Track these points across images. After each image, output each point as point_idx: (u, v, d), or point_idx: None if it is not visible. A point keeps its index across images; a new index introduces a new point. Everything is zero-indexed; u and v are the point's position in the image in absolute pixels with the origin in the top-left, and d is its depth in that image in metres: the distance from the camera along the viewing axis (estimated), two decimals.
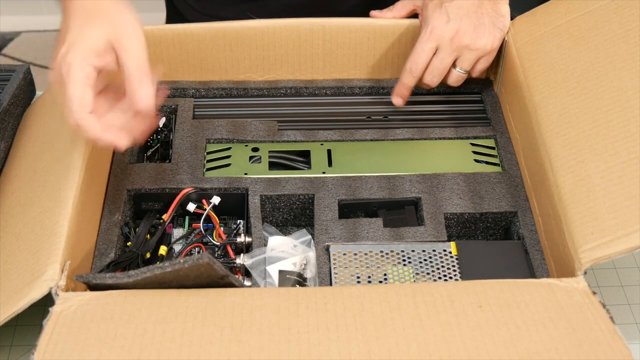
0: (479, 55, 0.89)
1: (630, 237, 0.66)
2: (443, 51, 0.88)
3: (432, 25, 0.88)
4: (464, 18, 0.87)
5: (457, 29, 0.87)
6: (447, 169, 0.87)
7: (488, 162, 0.89)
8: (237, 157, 0.89)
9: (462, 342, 0.61)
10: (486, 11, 0.89)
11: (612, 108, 0.76)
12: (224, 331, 0.62)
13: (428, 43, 0.88)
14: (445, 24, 0.87)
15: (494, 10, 0.89)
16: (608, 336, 0.61)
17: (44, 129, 0.87)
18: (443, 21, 0.87)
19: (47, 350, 0.60)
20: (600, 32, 0.82)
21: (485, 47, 0.89)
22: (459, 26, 0.87)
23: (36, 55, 2.34)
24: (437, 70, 0.89)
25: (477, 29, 0.88)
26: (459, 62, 0.89)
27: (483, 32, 0.88)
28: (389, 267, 0.77)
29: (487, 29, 0.88)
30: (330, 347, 0.61)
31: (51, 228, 0.72)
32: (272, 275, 0.77)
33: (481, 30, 0.88)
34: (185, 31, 0.94)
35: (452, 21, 0.87)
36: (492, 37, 0.89)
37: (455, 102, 0.97)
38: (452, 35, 0.87)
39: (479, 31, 0.88)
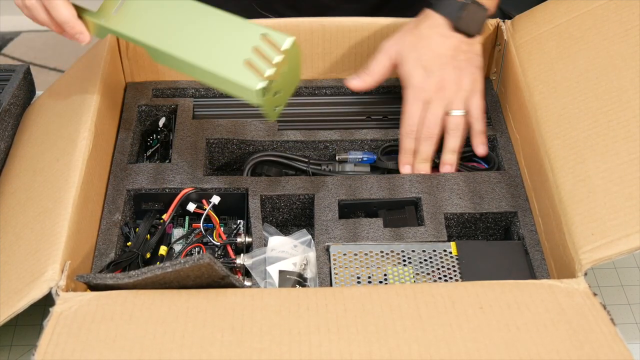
0: (467, 95, 0.88)
1: (631, 238, 0.66)
2: (432, 103, 0.87)
3: (414, 82, 0.87)
4: (443, 67, 0.87)
5: (440, 80, 0.86)
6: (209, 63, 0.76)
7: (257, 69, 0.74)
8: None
9: (463, 344, 0.61)
10: (463, 54, 0.88)
11: (612, 108, 0.76)
12: (225, 332, 0.62)
13: (416, 102, 0.87)
14: (428, 79, 0.87)
15: (469, 51, 0.89)
16: (609, 338, 0.61)
17: (44, 129, 0.87)
18: (424, 77, 0.87)
19: (48, 351, 0.60)
20: (599, 31, 0.82)
21: (469, 87, 0.88)
22: (440, 76, 0.86)
23: (36, 55, 2.34)
24: (431, 123, 0.87)
25: (458, 74, 0.87)
26: (451, 106, 0.88)
27: (464, 74, 0.87)
28: (389, 268, 0.77)
29: (467, 71, 0.88)
30: (331, 349, 0.61)
31: (51, 228, 0.72)
32: (272, 276, 0.77)
33: (462, 74, 0.87)
34: None
35: (434, 73, 0.86)
36: (473, 76, 0.88)
37: None
38: (437, 88, 0.86)
39: (460, 75, 0.87)
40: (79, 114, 0.83)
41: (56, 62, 2.29)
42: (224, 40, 0.75)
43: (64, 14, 0.79)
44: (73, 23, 0.79)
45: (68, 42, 0.91)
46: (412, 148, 0.88)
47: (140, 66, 0.97)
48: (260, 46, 0.73)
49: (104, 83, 0.87)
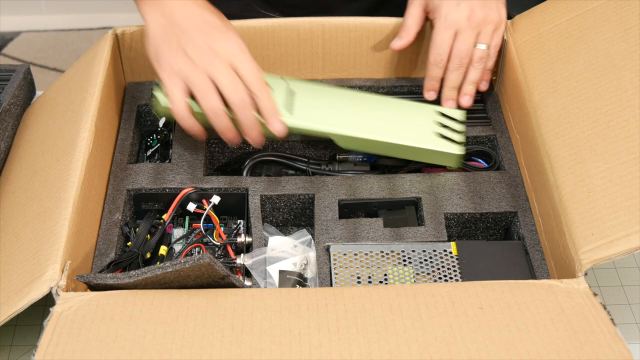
0: (494, 28, 0.90)
1: (631, 238, 0.66)
2: (463, 32, 0.88)
3: (444, 12, 0.88)
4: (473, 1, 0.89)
5: (470, 8, 0.88)
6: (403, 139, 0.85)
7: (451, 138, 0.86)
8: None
9: (463, 344, 0.61)
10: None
11: (612, 108, 0.76)
12: (225, 332, 0.62)
13: (447, 31, 0.88)
14: (457, 7, 0.88)
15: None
16: (609, 338, 0.61)
17: (44, 129, 0.87)
18: (454, 5, 0.88)
19: (48, 351, 0.60)
20: (599, 31, 0.82)
21: (496, 19, 0.90)
22: (470, 5, 0.88)
23: (36, 55, 2.34)
24: (462, 52, 0.88)
25: (485, 5, 0.89)
26: (479, 38, 0.90)
27: (490, 6, 0.89)
28: (389, 268, 0.77)
29: (494, 4, 0.90)
30: (331, 349, 0.61)
31: (51, 228, 0.72)
32: (272, 276, 0.77)
33: (488, 5, 0.89)
34: None
35: (463, 2, 0.88)
36: (498, 8, 0.90)
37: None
38: (468, 15, 0.88)
39: (487, 6, 0.89)
40: (79, 114, 0.83)
41: (56, 62, 2.29)
42: (407, 119, 0.87)
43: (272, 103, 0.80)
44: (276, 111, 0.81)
45: (68, 42, 0.92)
46: (439, 76, 0.90)
47: (140, 66, 0.97)
48: (442, 120, 0.87)
49: (104, 83, 0.87)
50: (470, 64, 0.90)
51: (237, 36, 0.81)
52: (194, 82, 0.79)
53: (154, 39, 0.82)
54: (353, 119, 0.86)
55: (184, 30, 0.80)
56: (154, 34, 0.82)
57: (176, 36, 0.80)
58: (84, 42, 2.35)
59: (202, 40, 0.79)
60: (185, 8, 0.81)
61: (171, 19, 0.81)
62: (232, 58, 0.79)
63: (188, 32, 0.80)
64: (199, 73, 0.78)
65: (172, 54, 0.80)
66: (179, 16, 0.81)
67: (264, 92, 0.80)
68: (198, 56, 0.79)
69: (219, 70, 0.78)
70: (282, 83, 0.87)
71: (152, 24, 0.83)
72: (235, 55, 0.79)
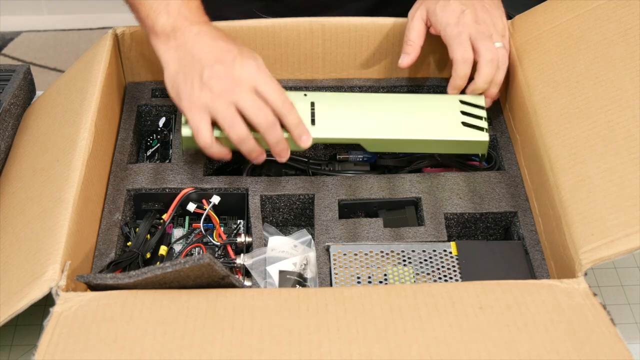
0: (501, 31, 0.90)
1: (631, 238, 0.66)
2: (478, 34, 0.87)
3: (452, 21, 0.87)
4: (473, 6, 0.88)
5: (474, 12, 0.88)
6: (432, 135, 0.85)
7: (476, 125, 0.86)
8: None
9: (463, 344, 0.61)
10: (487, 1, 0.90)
11: (612, 108, 0.76)
12: (225, 332, 0.62)
13: (462, 34, 0.87)
14: (462, 14, 0.87)
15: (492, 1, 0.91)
16: (609, 338, 0.61)
17: (44, 129, 0.87)
18: (459, 12, 0.88)
19: (48, 351, 0.60)
20: (599, 31, 0.82)
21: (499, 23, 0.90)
22: (473, 10, 0.88)
23: (36, 55, 2.34)
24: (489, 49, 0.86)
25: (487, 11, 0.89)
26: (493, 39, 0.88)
27: (491, 13, 0.89)
28: (389, 268, 0.77)
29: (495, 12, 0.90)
30: (332, 349, 0.61)
31: (51, 228, 0.72)
32: (272, 276, 0.77)
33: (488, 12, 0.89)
34: None
35: (467, 9, 0.88)
36: (498, 15, 0.90)
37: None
38: (474, 19, 0.87)
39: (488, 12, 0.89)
40: (79, 114, 0.83)
41: (56, 62, 2.29)
42: (430, 113, 0.87)
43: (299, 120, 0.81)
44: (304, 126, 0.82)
45: (68, 42, 0.92)
46: (468, 74, 0.88)
47: (140, 66, 0.97)
48: (464, 108, 0.87)
49: (104, 83, 0.87)
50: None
51: (253, 57, 0.81)
52: (220, 112, 0.79)
53: (172, 74, 0.82)
54: (377, 122, 0.86)
55: (202, 62, 0.80)
56: (172, 70, 0.82)
57: (195, 69, 0.80)
58: (84, 42, 2.34)
59: (222, 70, 0.79)
60: (200, 40, 0.82)
61: (187, 52, 0.81)
62: (254, 82, 0.79)
63: (207, 64, 0.79)
64: (224, 103, 0.78)
65: (193, 88, 0.80)
66: (195, 49, 0.81)
67: (291, 110, 0.80)
68: (220, 87, 0.79)
69: (243, 97, 0.78)
70: (301, 96, 0.87)
71: (168, 60, 0.83)
72: (257, 79, 0.79)
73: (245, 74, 0.79)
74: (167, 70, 0.83)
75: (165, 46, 0.83)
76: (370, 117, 0.86)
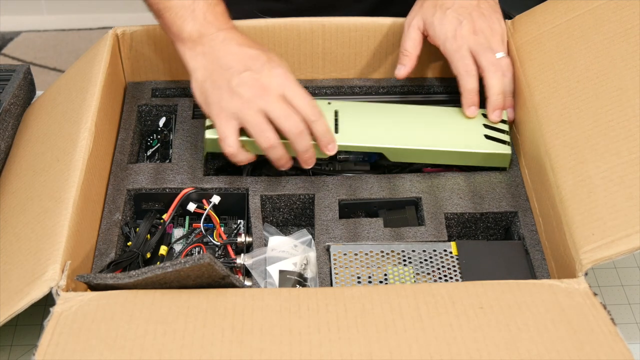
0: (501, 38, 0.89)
1: (631, 238, 0.66)
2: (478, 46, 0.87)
3: (450, 33, 0.87)
4: (471, 14, 0.88)
5: (471, 23, 0.88)
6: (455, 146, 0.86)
7: (498, 138, 0.87)
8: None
9: (463, 344, 0.61)
10: (484, 5, 0.90)
11: (612, 108, 0.75)
12: (225, 332, 0.62)
13: (461, 48, 0.87)
14: (460, 25, 0.87)
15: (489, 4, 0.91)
16: (609, 338, 0.61)
17: (44, 129, 0.87)
18: (456, 23, 0.88)
19: (48, 351, 0.60)
20: (600, 31, 0.82)
21: (498, 28, 0.89)
22: (470, 20, 0.88)
23: (36, 55, 2.34)
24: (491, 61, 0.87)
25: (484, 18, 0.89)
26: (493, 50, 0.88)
27: (489, 18, 0.89)
28: (389, 267, 0.77)
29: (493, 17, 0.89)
30: (332, 349, 0.61)
31: (51, 228, 0.72)
32: (272, 275, 0.77)
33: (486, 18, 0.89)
34: None
35: (464, 20, 0.87)
36: (496, 19, 0.90)
37: (456, 102, 0.97)
38: (472, 30, 0.87)
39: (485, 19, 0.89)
40: (79, 114, 0.83)
41: (56, 62, 2.29)
42: (453, 125, 0.88)
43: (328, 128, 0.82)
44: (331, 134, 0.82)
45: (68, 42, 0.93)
46: (476, 87, 0.87)
47: (140, 66, 0.97)
48: (486, 121, 0.88)
49: (104, 83, 0.87)
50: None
51: (281, 64, 0.82)
52: (249, 119, 0.79)
53: (200, 81, 0.83)
54: (400, 132, 0.86)
55: (231, 69, 0.80)
56: (200, 76, 0.83)
57: (223, 77, 0.80)
58: (84, 42, 2.34)
59: (250, 77, 0.80)
60: (228, 47, 0.82)
61: (215, 59, 0.82)
62: (282, 90, 0.80)
63: (235, 72, 0.80)
64: (253, 110, 0.79)
65: (221, 95, 0.80)
66: (223, 57, 0.81)
67: (320, 118, 0.81)
68: (249, 94, 0.79)
69: (273, 105, 0.79)
70: (325, 104, 0.88)
71: (196, 67, 0.83)
72: (286, 87, 0.80)
73: (274, 82, 0.80)
74: (195, 77, 0.83)
75: (192, 52, 0.83)
76: (393, 127, 0.87)
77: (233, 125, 0.80)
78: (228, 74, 0.80)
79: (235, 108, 0.79)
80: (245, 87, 0.79)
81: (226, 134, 0.80)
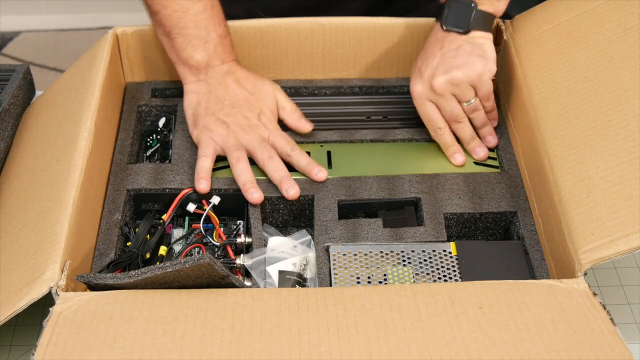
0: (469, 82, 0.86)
1: (631, 238, 0.66)
2: (438, 100, 0.87)
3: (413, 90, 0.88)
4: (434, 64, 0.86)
5: (432, 75, 0.86)
6: (447, 170, 0.87)
7: (488, 164, 0.88)
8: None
9: (462, 344, 0.61)
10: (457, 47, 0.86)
11: (611, 108, 0.76)
12: (225, 332, 0.62)
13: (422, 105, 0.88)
14: (420, 78, 0.87)
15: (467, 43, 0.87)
16: (609, 338, 0.61)
17: (44, 129, 0.87)
18: (418, 78, 0.88)
19: (48, 351, 0.60)
20: (599, 31, 0.82)
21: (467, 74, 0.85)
22: (431, 72, 0.86)
23: (36, 55, 2.34)
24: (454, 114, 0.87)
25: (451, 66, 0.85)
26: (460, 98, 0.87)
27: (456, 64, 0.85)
28: (388, 268, 0.77)
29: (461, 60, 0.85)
30: (331, 348, 0.61)
31: (51, 228, 0.72)
32: (272, 276, 0.77)
33: (454, 64, 0.85)
34: None
35: (424, 73, 0.87)
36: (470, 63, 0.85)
37: None
38: (431, 85, 0.86)
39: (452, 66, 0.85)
40: (79, 114, 0.83)
41: (56, 62, 2.29)
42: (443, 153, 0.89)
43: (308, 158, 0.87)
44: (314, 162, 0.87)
45: (68, 42, 0.94)
46: (453, 139, 0.89)
47: (140, 66, 0.97)
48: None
49: (104, 83, 0.87)
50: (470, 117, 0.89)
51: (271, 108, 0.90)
52: (229, 147, 0.85)
53: (194, 103, 0.89)
54: (391, 162, 0.88)
55: (225, 102, 0.88)
56: (195, 99, 0.89)
57: (217, 106, 0.88)
58: (84, 42, 2.34)
59: (241, 115, 0.87)
60: (227, 81, 0.89)
61: (213, 90, 0.89)
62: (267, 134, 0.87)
63: (228, 105, 0.88)
64: (236, 141, 0.86)
65: (211, 121, 0.87)
66: (221, 90, 0.89)
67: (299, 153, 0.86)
68: (236, 126, 0.86)
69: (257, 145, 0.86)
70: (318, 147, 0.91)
71: (193, 91, 0.90)
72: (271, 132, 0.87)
73: (261, 125, 0.87)
74: (189, 98, 0.90)
75: (194, 77, 0.90)
76: (384, 159, 0.89)
77: (213, 146, 0.86)
78: (221, 105, 0.88)
79: (221, 133, 0.86)
80: (234, 120, 0.87)
81: (206, 153, 0.85)
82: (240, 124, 0.87)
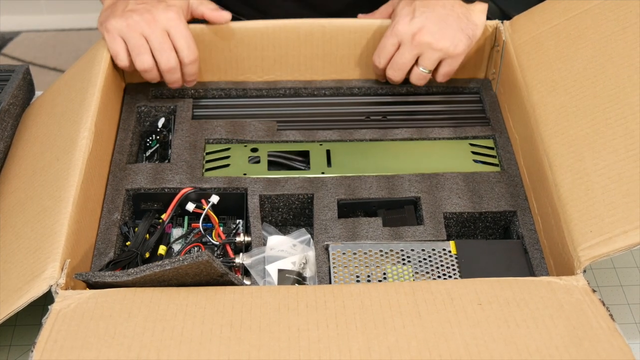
0: (441, 56, 0.89)
1: (629, 235, 0.67)
2: (404, 47, 0.89)
3: (396, 21, 0.89)
4: (429, 17, 0.87)
5: (420, 27, 0.87)
6: (446, 169, 0.87)
7: (487, 162, 0.89)
8: (236, 158, 0.89)
9: (462, 340, 0.61)
10: (456, 16, 0.88)
11: (610, 106, 0.76)
12: (224, 329, 0.62)
13: (390, 38, 0.90)
14: (410, 21, 0.88)
15: (465, 17, 0.89)
16: (608, 334, 0.61)
17: (44, 129, 0.87)
18: (408, 18, 0.88)
19: (46, 348, 0.60)
20: (597, 30, 0.82)
21: (447, 49, 0.88)
22: (422, 24, 0.87)
23: (36, 55, 2.34)
24: (397, 65, 0.91)
25: (442, 30, 0.87)
26: (421, 60, 0.90)
27: (447, 34, 0.87)
28: (388, 266, 0.77)
29: (453, 32, 0.88)
30: (330, 345, 0.61)
31: (51, 227, 0.72)
32: (271, 274, 0.77)
33: (446, 32, 0.87)
34: None
35: (416, 19, 0.88)
36: (456, 40, 0.88)
37: (454, 102, 0.98)
38: (414, 32, 0.88)
39: (443, 32, 0.87)
40: (79, 114, 0.83)
41: (56, 62, 2.29)
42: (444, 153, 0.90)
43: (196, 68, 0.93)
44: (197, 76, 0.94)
45: (68, 42, 0.96)
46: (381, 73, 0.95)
47: None
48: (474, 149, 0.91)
49: (104, 83, 0.87)
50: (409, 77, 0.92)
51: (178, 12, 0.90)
52: (130, 40, 0.88)
53: (104, 8, 0.93)
54: (390, 161, 0.88)
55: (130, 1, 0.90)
56: (107, 4, 0.93)
57: (122, 4, 0.90)
58: (84, 42, 2.34)
59: (143, 8, 0.88)
60: None
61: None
62: (169, 27, 0.88)
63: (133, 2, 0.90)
64: (136, 33, 0.87)
65: (115, 19, 0.88)
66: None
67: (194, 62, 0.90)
68: (136, 19, 0.88)
69: (154, 34, 0.87)
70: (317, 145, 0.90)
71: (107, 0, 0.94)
72: (173, 26, 0.88)
73: (162, 17, 0.88)
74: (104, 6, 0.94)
75: None
76: (383, 158, 0.89)
77: (119, 43, 0.88)
78: (126, 2, 0.90)
79: (121, 27, 0.88)
80: (135, 14, 0.88)
81: (116, 50, 0.89)
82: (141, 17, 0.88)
